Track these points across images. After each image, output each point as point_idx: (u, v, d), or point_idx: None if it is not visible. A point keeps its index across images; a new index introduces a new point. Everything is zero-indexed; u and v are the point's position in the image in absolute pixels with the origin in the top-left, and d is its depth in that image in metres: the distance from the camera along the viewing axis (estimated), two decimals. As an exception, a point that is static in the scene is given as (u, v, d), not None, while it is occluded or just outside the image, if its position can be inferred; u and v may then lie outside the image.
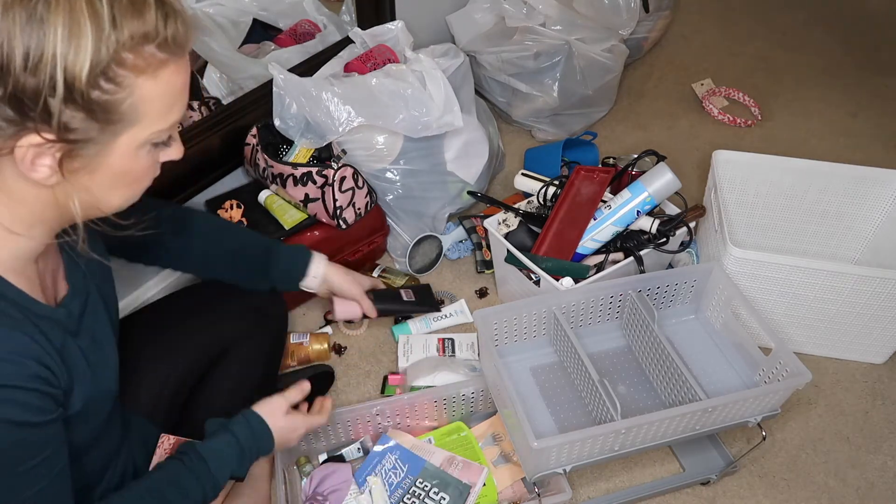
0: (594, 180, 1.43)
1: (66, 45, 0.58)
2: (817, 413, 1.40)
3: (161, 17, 0.62)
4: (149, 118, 0.66)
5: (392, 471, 1.20)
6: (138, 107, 0.64)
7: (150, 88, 0.64)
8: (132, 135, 0.66)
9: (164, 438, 1.04)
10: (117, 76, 0.61)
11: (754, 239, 1.63)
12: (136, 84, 0.63)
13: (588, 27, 1.86)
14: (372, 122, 1.42)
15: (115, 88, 0.62)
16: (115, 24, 0.59)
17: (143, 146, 0.68)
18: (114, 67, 0.61)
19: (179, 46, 0.65)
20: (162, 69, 0.64)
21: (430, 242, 1.61)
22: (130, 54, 0.61)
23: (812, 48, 2.45)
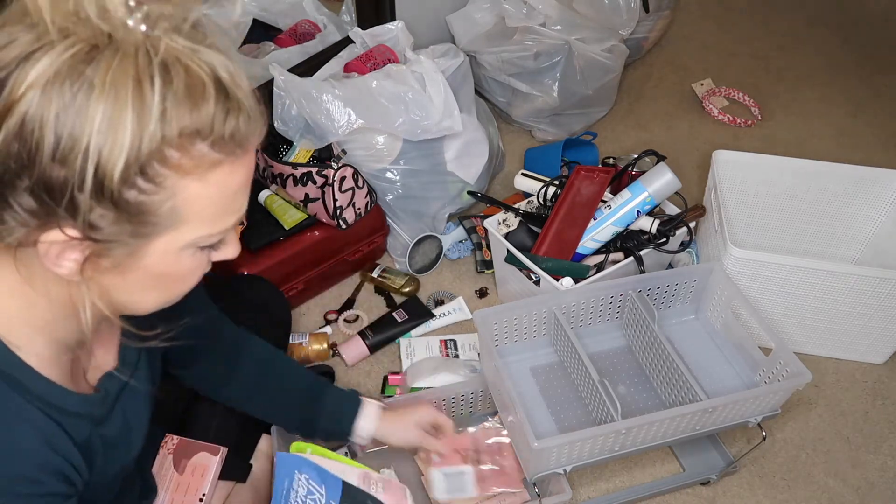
0: (594, 180, 1.43)
1: (102, 136, 0.50)
2: (817, 413, 1.40)
3: (221, 110, 0.53)
4: (194, 222, 0.58)
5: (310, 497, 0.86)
6: (181, 210, 0.56)
7: (197, 191, 0.56)
8: (173, 238, 0.58)
9: (168, 438, 1.05)
10: (158, 175, 0.53)
11: (754, 239, 1.63)
12: (180, 186, 0.54)
13: (588, 27, 1.86)
14: (372, 124, 1.42)
15: (154, 188, 0.54)
16: (164, 116, 0.51)
17: (187, 248, 0.60)
18: (154, 165, 0.52)
19: (239, 145, 0.56)
20: (213, 171, 0.56)
21: (430, 242, 1.61)
22: (176, 152, 0.53)
23: (812, 48, 2.45)
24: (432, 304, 1.56)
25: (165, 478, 1.02)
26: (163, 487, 1.02)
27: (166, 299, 0.65)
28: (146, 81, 0.50)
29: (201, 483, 1.03)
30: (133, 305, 0.64)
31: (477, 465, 1.18)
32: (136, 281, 0.60)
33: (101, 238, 0.55)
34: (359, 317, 1.54)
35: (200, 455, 1.05)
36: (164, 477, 1.02)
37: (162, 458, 1.03)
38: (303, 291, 1.52)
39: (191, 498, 1.02)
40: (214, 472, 1.05)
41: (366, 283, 1.61)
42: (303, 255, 1.47)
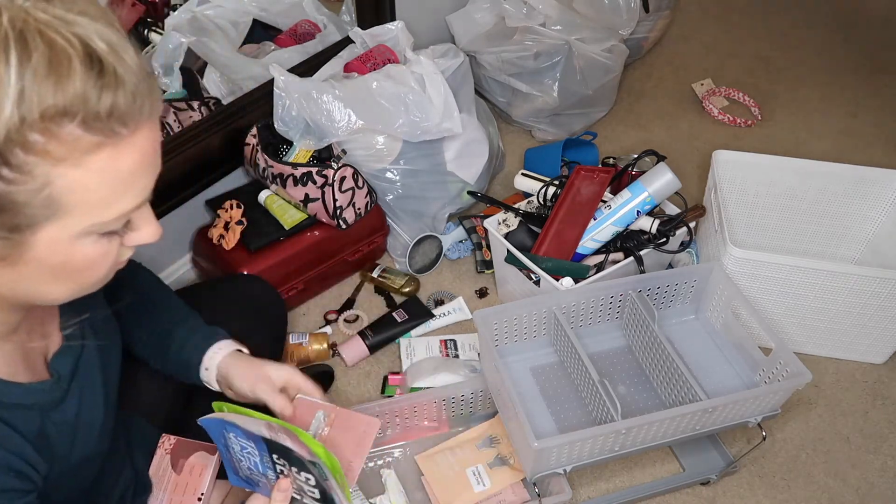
0: (594, 180, 1.43)
1: None
2: (817, 413, 1.40)
3: (93, 86, 0.47)
4: (80, 211, 0.52)
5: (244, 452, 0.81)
6: (60, 199, 0.50)
7: (76, 178, 0.50)
8: (59, 228, 0.52)
9: (165, 438, 1.04)
10: (23, 164, 0.47)
11: (754, 239, 1.63)
12: (54, 173, 0.49)
13: (588, 27, 1.86)
14: (372, 125, 1.43)
15: (21, 178, 0.48)
16: (22, 96, 0.45)
17: (83, 237, 0.54)
18: (17, 153, 0.46)
19: (120, 122, 0.50)
20: (92, 155, 0.49)
21: (430, 242, 1.61)
22: (41, 136, 0.47)
23: (812, 48, 2.45)
24: (432, 304, 1.56)
25: (164, 478, 1.02)
26: (161, 488, 1.01)
27: (77, 288, 0.60)
28: (0, 59, 0.44)
29: (200, 482, 1.03)
30: (42, 296, 0.60)
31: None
32: (31, 273, 0.56)
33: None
34: (359, 317, 1.54)
35: (198, 454, 1.05)
36: (163, 477, 1.02)
37: (159, 459, 1.03)
38: (303, 291, 1.52)
39: (189, 497, 1.02)
40: (213, 472, 1.04)
41: (366, 283, 1.61)
42: (303, 255, 1.47)
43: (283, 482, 0.76)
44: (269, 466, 0.79)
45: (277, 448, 0.76)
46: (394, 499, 1.20)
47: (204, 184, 1.50)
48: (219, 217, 1.46)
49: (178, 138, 1.40)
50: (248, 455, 0.80)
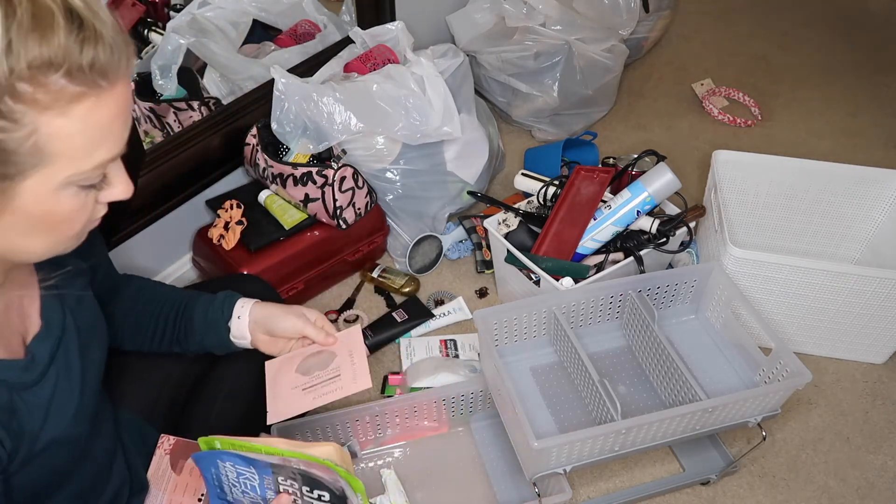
0: (594, 180, 1.43)
1: None
2: (817, 413, 1.40)
3: (75, 40, 0.51)
4: (64, 158, 0.55)
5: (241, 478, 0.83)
6: (45, 147, 0.54)
7: (61, 126, 0.53)
8: (43, 176, 0.55)
9: (164, 438, 1.04)
10: (12, 112, 0.51)
11: (754, 239, 1.63)
12: (41, 121, 0.52)
13: (588, 27, 1.86)
14: (372, 128, 1.43)
15: (11, 125, 0.51)
16: (10, 48, 0.49)
17: (64, 188, 0.57)
18: (7, 101, 0.50)
19: (101, 75, 0.54)
20: (75, 104, 0.53)
21: (430, 242, 1.61)
22: (29, 86, 0.51)
23: (812, 48, 2.45)
24: (432, 304, 1.56)
25: (163, 479, 1.02)
26: (161, 488, 1.01)
27: (54, 242, 0.63)
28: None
29: (200, 483, 1.03)
30: (20, 251, 0.62)
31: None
32: (15, 224, 0.58)
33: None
34: (359, 317, 1.54)
35: (199, 455, 1.05)
36: (162, 478, 1.02)
37: (159, 459, 1.03)
38: (303, 291, 1.52)
39: (189, 498, 1.02)
40: (214, 472, 1.04)
41: (366, 283, 1.61)
42: (303, 255, 1.47)
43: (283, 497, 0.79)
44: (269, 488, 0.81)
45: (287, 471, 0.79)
46: (394, 499, 1.20)
47: (204, 184, 1.50)
48: (219, 217, 1.46)
49: (178, 138, 1.40)
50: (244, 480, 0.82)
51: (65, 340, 0.76)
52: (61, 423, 0.74)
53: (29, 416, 0.70)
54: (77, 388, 0.77)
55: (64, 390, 0.74)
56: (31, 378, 0.71)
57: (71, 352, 0.77)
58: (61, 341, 0.75)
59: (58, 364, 0.74)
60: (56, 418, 0.73)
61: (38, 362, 0.72)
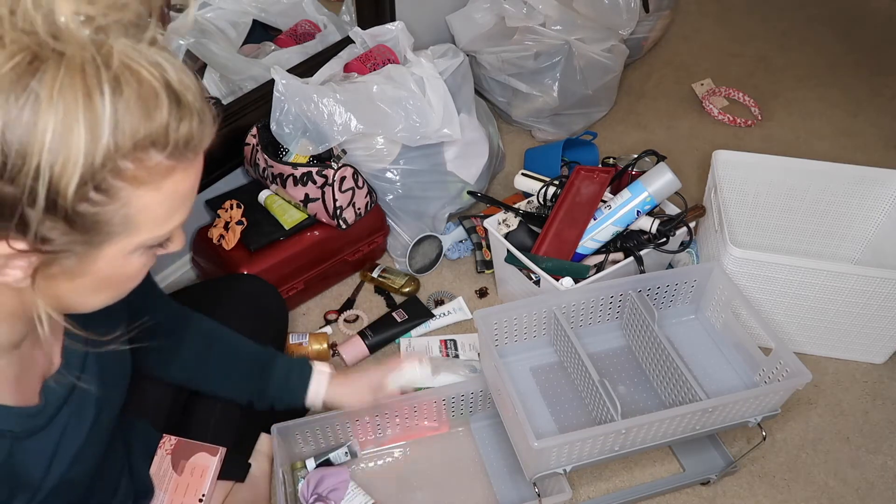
0: (594, 180, 1.43)
1: (53, 153, 0.47)
2: (817, 413, 1.40)
3: (175, 117, 0.51)
4: (145, 227, 0.56)
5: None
6: (133, 217, 0.54)
7: (151, 199, 0.54)
8: (123, 243, 0.56)
9: (166, 439, 1.05)
10: (112, 188, 0.51)
11: (754, 239, 1.63)
12: (134, 195, 0.53)
13: (588, 27, 1.86)
14: (372, 130, 1.43)
15: (108, 200, 0.52)
16: (116, 127, 0.48)
17: (136, 251, 0.58)
18: (108, 178, 0.50)
19: (192, 150, 0.55)
20: (167, 178, 0.54)
21: (430, 242, 1.61)
22: (131, 164, 0.51)
23: (812, 48, 2.45)
24: (432, 304, 1.56)
25: (164, 479, 1.02)
26: (162, 489, 1.01)
27: (114, 297, 0.64)
28: (96, 92, 0.47)
29: (201, 483, 1.03)
30: (80, 306, 0.63)
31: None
32: (85, 284, 0.59)
33: (52, 249, 0.53)
34: (359, 317, 1.54)
35: (199, 455, 1.05)
36: (163, 478, 1.02)
37: (160, 460, 1.03)
38: (303, 291, 1.52)
39: (190, 498, 1.02)
40: (213, 473, 1.04)
41: (366, 283, 1.61)
42: (303, 255, 1.47)
43: None
44: None
45: None
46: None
47: (204, 184, 1.50)
48: (219, 217, 1.46)
49: (179, 138, 1.40)
50: None
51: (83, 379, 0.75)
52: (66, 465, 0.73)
53: (28, 467, 0.68)
54: (86, 431, 0.75)
55: (73, 433, 0.73)
56: (39, 424, 0.69)
57: (87, 393, 0.75)
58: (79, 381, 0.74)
59: (71, 406, 0.73)
60: (62, 461, 0.72)
61: (48, 407, 0.70)
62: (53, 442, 0.71)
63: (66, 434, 0.72)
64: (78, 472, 0.75)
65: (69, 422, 0.73)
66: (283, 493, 1.10)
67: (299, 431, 1.20)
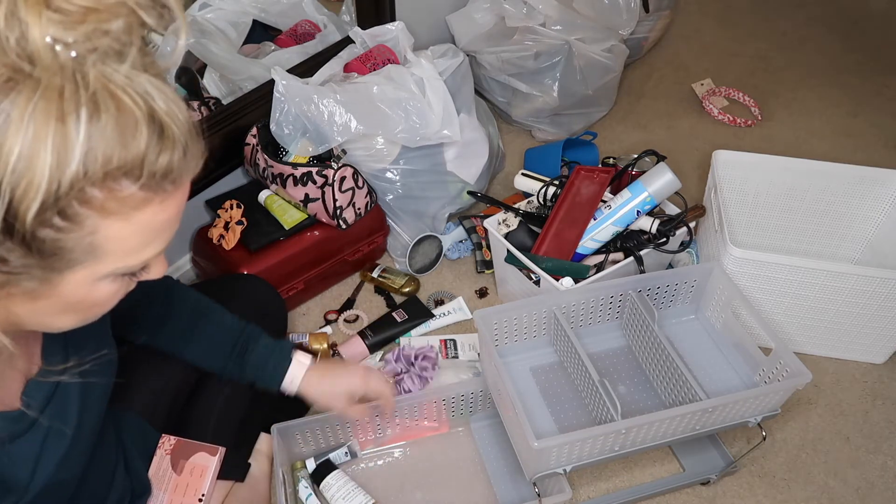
0: (594, 180, 1.43)
1: (16, 175, 0.45)
2: (817, 413, 1.40)
3: (154, 148, 0.49)
4: (113, 257, 0.54)
5: None
6: (100, 246, 0.52)
7: (119, 229, 0.52)
8: (89, 270, 0.54)
9: (165, 439, 1.05)
10: (77, 215, 0.49)
11: (754, 239, 1.63)
12: (101, 225, 0.51)
13: (588, 27, 1.86)
14: (372, 131, 1.43)
15: (71, 227, 0.50)
16: (88, 153, 0.46)
17: (104, 279, 0.57)
18: (74, 205, 0.48)
19: (171, 182, 0.52)
20: (139, 210, 0.52)
21: (430, 242, 1.61)
22: (100, 192, 0.49)
23: (812, 48, 2.45)
24: (432, 304, 1.56)
25: (164, 479, 1.02)
26: (161, 488, 1.01)
27: (82, 321, 0.62)
28: (70, 117, 0.45)
29: (200, 483, 1.03)
30: (46, 327, 0.62)
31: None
32: (48, 307, 0.57)
33: (9, 271, 0.51)
34: (359, 317, 1.54)
35: (199, 455, 1.05)
36: (163, 478, 1.02)
37: (160, 460, 1.03)
38: (303, 291, 1.52)
39: (190, 498, 1.02)
40: (213, 473, 1.04)
41: (366, 283, 1.61)
42: (303, 255, 1.47)
43: None
44: None
45: None
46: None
47: (204, 184, 1.50)
48: (219, 217, 1.46)
49: (178, 138, 1.40)
50: None
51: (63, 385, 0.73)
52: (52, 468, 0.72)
53: (15, 467, 0.68)
54: (71, 432, 0.74)
55: (57, 436, 0.72)
56: (20, 428, 0.69)
57: (69, 397, 0.74)
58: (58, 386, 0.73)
59: (52, 409, 0.72)
60: (47, 465, 0.72)
61: (32, 408, 0.69)
62: (37, 446, 0.70)
63: (50, 437, 0.71)
64: (65, 474, 0.75)
65: (52, 425, 0.72)
66: (283, 493, 1.10)
67: (299, 431, 1.20)
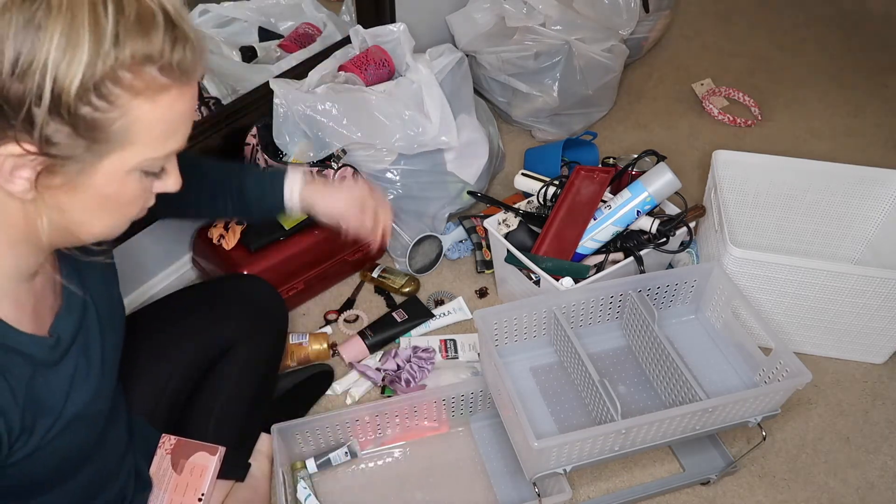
0: (594, 180, 1.43)
1: (59, 54, 0.54)
2: (817, 413, 1.40)
3: (169, 40, 0.58)
4: (142, 143, 0.61)
5: None
6: (130, 129, 0.60)
7: (147, 112, 0.60)
8: (121, 158, 0.61)
9: (166, 438, 1.05)
10: (111, 94, 0.57)
11: (754, 239, 1.63)
12: (132, 105, 0.58)
13: (588, 27, 1.86)
14: (370, 140, 1.43)
15: (107, 106, 0.57)
16: (118, 40, 0.55)
17: (133, 172, 0.63)
18: (108, 84, 0.56)
19: (185, 73, 0.61)
20: (162, 94, 0.60)
21: (430, 242, 1.61)
22: (129, 73, 0.57)
23: (812, 48, 2.45)
24: (432, 304, 1.56)
25: (164, 478, 1.02)
26: (161, 488, 1.01)
27: (113, 224, 0.68)
28: (100, 7, 0.54)
29: (200, 483, 1.03)
30: (82, 228, 0.67)
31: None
32: (85, 201, 0.63)
33: (56, 153, 0.58)
34: (359, 317, 1.54)
35: (199, 455, 1.05)
36: (163, 477, 1.02)
37: (160, 459, 1.03)
38: (303, 291, 1.52)
39: (190, 498, 1.02)
40: (213, 472, 1.04)
41: (366, 283, 1.61)
42: (303, 255, 1.47)
43: None
44: None
45: None
46: None
47: (204, 184, 1.50)
48: (219, 217, 1.46)
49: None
50: None
51: (86, 320, 0.79)
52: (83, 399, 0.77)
53: (51, 393, 0.72)
54: (97, 367, 0.80)
55: (84, 368, 0.77)
56: (56, 356, 0.73)
57: (92, 330, 0.80)
58: (84, 321, 0.78)
59: (79, 343, 0.77)
60: (78, 395, 0.76)
61: (62, 341, 0.74)
62: (69, 374, 0.75)
63: (79, 368, 0.77)
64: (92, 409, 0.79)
65: (79, 360, 0.77)
66: (283, 493, 1.10)
67: (299, 431, 1.20)
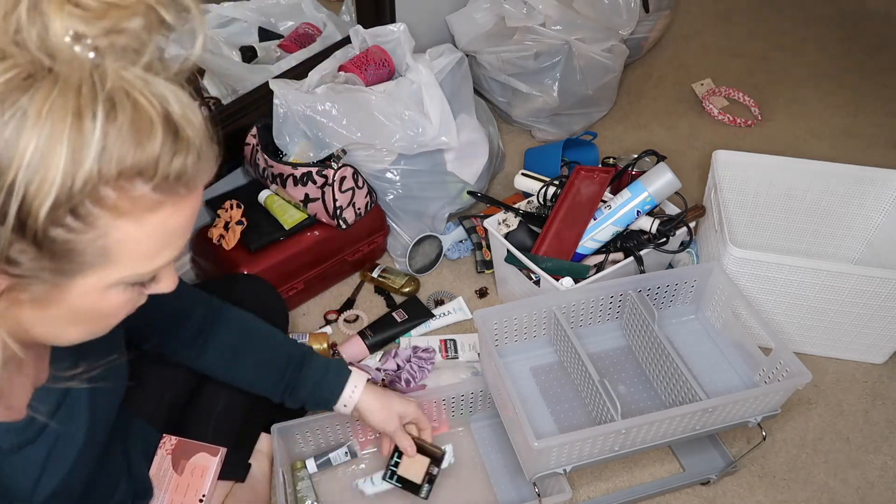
0: (594, 180, 1.43)
1: (30, 171, 0.45)
2: (817, 413, 1.40)
3: (168, 150, 0.49)
4: (125, 262, 0.54)
5: None
6: (111, 250, 0.52)
7: (131, 231, 0.52)
8: (99, 277, 0.54)
9: (166, 439, 1.05)
10: (89, 215, 0.49)
11: (754, 239, 1.63)
12: (113, 226, 0.50)
13: (588, 27, 1.86)
14: (370, 141, 1.43)
15: (84, 228, 0.49)
16: (103, 152, 0.46)
17: (115, 286, 0.56)
18: (87, 205, 0.48)
19: (184, 186, 0.52)
20: (153, 212, 0.52)
21: (430, 242, 1.61)
22: (113, 192, 0.49)
23: (812, 48, 2.45)
24: (432, 304, 1.56)
25: (164, 479, 1.02)
26: (162, 489, 1.01)
27: (91, 333, 0.62)
28: (87, 115, 0.45)
29: (201, 484, 1.03)
30: (54, 339, 0.61)
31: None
32: (57, 316, 0.57)
33: (20, 273, 0.51)
34: (359, 317, 1.54)
35: (199, 455, 1.05)
36: (163, 478, 1.02)
37: (160, 460, 1.03)
38: (303, 291, 1.52)
39: (190, 498, 1.02)
40: (214, 473, 1.05)
41: (366, 283, 1.61)
42: (303, 255, 1.47)
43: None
44: None
45: None
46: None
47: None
48: (219, 217, 1.46)
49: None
50: None
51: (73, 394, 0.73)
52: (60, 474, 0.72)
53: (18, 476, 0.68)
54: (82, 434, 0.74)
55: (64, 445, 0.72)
56: (26, 438, 0.68)
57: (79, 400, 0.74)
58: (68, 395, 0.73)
59: (61, 416, 0.72)
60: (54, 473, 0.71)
61: (36, 420, 0.69)
62: (43, 454, 0.70)
63: (58, 446, 0.71)
64: (71, 481, 0.74)
65: (60, 433, 0.71)
66: (283, 493, 1.10)
67: (299, 431, 1.20)
